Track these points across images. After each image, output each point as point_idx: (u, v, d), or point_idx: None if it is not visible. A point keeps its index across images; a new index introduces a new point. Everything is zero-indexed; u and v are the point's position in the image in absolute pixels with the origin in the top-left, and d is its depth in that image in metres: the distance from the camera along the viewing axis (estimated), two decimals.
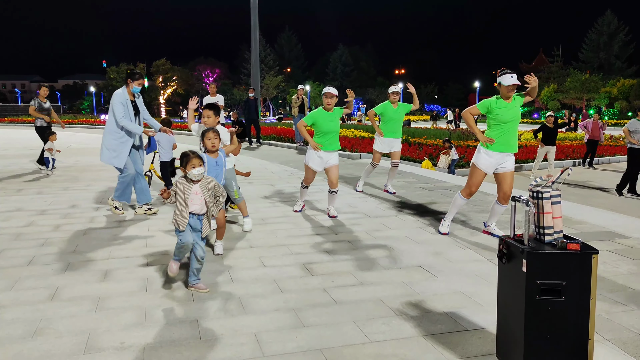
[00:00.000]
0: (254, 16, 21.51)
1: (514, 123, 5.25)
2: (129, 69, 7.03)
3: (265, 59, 70.25)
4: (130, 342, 3.11)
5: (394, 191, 7.93)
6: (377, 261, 4.65)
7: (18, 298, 3.79)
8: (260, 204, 7.18)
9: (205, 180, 3.93)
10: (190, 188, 3.87)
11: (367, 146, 14.62)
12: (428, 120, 50.38)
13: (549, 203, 2.64)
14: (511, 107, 5.22)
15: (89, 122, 33.79)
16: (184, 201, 3.83)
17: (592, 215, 6.43)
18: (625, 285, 4.06)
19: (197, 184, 3.89)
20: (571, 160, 15.32)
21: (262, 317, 3.48)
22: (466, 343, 3.11)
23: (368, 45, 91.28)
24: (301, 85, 16.75)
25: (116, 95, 6.24)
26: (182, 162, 3.87)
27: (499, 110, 5.19)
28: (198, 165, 3.83)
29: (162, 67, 65.54)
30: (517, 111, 5.25)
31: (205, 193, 3.90)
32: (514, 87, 5.14)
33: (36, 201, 7.37)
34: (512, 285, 2.66)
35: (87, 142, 19.09)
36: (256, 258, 4.74)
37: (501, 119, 5.21)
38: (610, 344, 3.10)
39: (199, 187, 3.89)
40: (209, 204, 3.92)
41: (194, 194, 3.86)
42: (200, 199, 3.88)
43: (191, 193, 3.85)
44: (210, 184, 3.95)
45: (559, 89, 54.60)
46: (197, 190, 3.87)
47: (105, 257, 4.77)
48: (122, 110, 6.18)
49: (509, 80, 5.12)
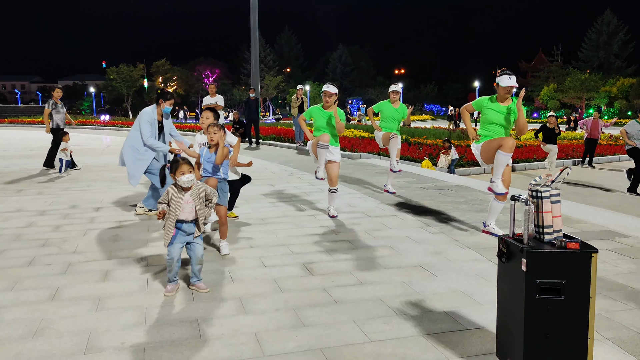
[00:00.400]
0: (254, 16, 21.52)
1: (499, 126, 5.31)
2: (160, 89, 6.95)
3: (265, 59, 70.28)
4: (131, 342, 3.12)
5: (393, 191, 7.93)
6: (377, 261, 4.66)
7: (18, 298, 3.79)
8: (260, 203, 7.19)
9: (195, 188, 3.87)
10: (182, 198, 3.81)
11: (367, 146, 14.63)
12: (431, 119, 50.36)
13: (549, 202, 2.64)
14: (501, 110, 5.26)
15: (89, 123, 33.77)
16: (174, 210, 3.79)
17: (591, 215, 6.44)
18: (625, 284, 4.07)
19: (187, 193, 3.83)
20: (571, 160, 15.33)
21: (262, 316, 3.49)
22: (466, 342, 3.11)
23: (367, 44, 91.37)
24: (300, 86, 16.78)
25: (145, 114, 6.20)
26: (172, 169, 3.81)
27: (488, 110, 5.34)
28: (187, 171, 3.75)
29: (162, 68, 65.53)
30: (508, 116, 5.26)
31: (196, 201, 3.85)
32: (511, 89, 5.18)
33: (36, 202, 7.38)
34: (512, 284, 2.67)
35: (87, 142, 19.10)
36: (256, 258, 4.74)
37: (488, 118, 5.37)
38: (610, 342, 3.11)
39: (190, 195, 3.83)
40: (199, 212, 3.87)
41: (185, 202, 3.81)
42: (191, 207, 3.83)
43: (182, 202, 3.80)
44: (201, 191, 3.89)
45: (559, 89, 54.61)
46: (187, 199, 3.82)
47: (105, 257, 4.78)
48: (149, 130, 6.14)
49: (506, 82, 5.15)
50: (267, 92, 62.49)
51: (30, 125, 34.69)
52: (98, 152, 15.08)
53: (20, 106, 60.00)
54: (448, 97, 73.84)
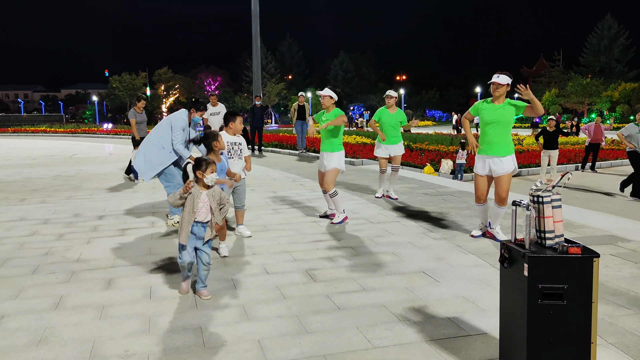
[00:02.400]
0: (255, 24, 21.62)
1: (496, 125, 5.34)
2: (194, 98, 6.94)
3: (266, 66, 70.48)
4: (135, 350, 3.13)
5: (396, 197, 7.95)
6: (379, 267, 4.66)
7: (22, 307, 3.80)
8: (262, 210, 7.20)
9: (212, 190, 3.98)
10: (199, 196, 3.90)
11: (369, 152, 14.64)
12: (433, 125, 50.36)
13: (550, 207, 2.65)
14: (495, 109, 5.31)
15: (91, 132, 33.92)
16: (192, 208, 3.86)
17: (594, 219, 6.43)
18: (628, 288, 4.06)
19: (205, 192, 3.92)
20: (573, 165, 15.31)
21: (265, 323, 3.49)
22: (469, 348, 3.11)
23: (369, 51, 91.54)
24: (302, 93, 16.90)
25: (179, 120, 6.15)
26: (201, 166, 3.91)
27: (483, 111, 5.45)
28: (214, 171, 3.94)
29: (164, 76, 65.85)
30: (502, 114, 5.30)
31: (212, 201, 3.94)
32: (495, 85, 5.31)
33: (40, 210, 7.41)
34: (514, 289, 2.67)
35: (90, 151, 19.16)
36: (259, 265, 4.75)
37: (484, 119, 5.43)
38: (614, 347, 3.10)
39: (206, 195, 3.93)
40: (214, 212, 3.95)
41: (201, 202, 3.90)
42: (207, 207, 3.92)
43: (199, 201, 3.89)
44: (217, 193, 4.00)
45: (560, 94, 54.61)
46: (204, 199, 3.91)
47: (108, 265, 4.79)
48: (181, 135, 6.14)
49: (492, 78, 5.29)
50: (269, 99, 62.64)
51: (34, 135, 34.87)
52: (101, 161, 15.13)
53: (23, 115, 60.19)
54: (450, 103, 73.85)
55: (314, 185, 9.29)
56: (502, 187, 5.36)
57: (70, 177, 11.15)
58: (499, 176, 5.38)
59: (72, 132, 34.43)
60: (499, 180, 5.39)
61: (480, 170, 5.51)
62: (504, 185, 5.35)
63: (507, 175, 5.35)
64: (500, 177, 5.37)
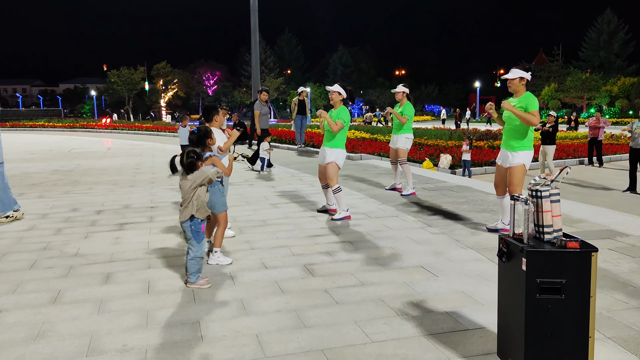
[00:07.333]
0: (254, 18, 21.53)
1: (508, 120, 5.40)
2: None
3: (265, 61, 70.29)
4: (133, 345, 3.12)
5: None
6: (378, 261, 4.66)
7: (20, 301, 3.80)
8: (261, 205, 7.19)
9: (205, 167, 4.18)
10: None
11: (368, 147, 14.64)
12: (432, 120, 50.33)
13: (548, 201, 2.64)
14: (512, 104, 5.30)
15: (90, 126, 33.84)
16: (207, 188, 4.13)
17: (592, 214, 6.43)
18: (626, 283, 4.06)
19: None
20: (573, 160, 15.29)
21: (264, 318, 3.49)
22: (467, 342, 3.11)
23: (368, 46, 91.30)
24: (303, 88, 16.85)
25: None
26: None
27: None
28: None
29: (163, 71, 65.60)
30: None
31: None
32: (509, 81, 5.29)
33: (37, 205, 7.39)
34: (512, 284, 2.67)
35: (88, 145, 19.12)
36: (257, 259, 4.75)
37: (502, 113, 5.51)
38: (611, 341, 3.10)
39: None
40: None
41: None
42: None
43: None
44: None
45: (560, 88, 54.54)
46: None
47: (106, 260, 4.79)
48: None
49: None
50: (267, 94, 62.51)
51: (32, 129, 34.78)
52: (99, 156, 15.10)
53: (21, 110, 60.02)
54: (449, 98, 73.73)
55: (312, 180, 9.28)
56: (508, 179, 5.40)
57: (69, 172, 11.13)
58: (508, 167, 5.42)
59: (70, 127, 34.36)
60: (507, 172, 5.44)
61: (497, 160, 5.66)
62: (511, 179, 5.37)
63: (513, 167, 5.35)
64: (508, 169, 5.42)
